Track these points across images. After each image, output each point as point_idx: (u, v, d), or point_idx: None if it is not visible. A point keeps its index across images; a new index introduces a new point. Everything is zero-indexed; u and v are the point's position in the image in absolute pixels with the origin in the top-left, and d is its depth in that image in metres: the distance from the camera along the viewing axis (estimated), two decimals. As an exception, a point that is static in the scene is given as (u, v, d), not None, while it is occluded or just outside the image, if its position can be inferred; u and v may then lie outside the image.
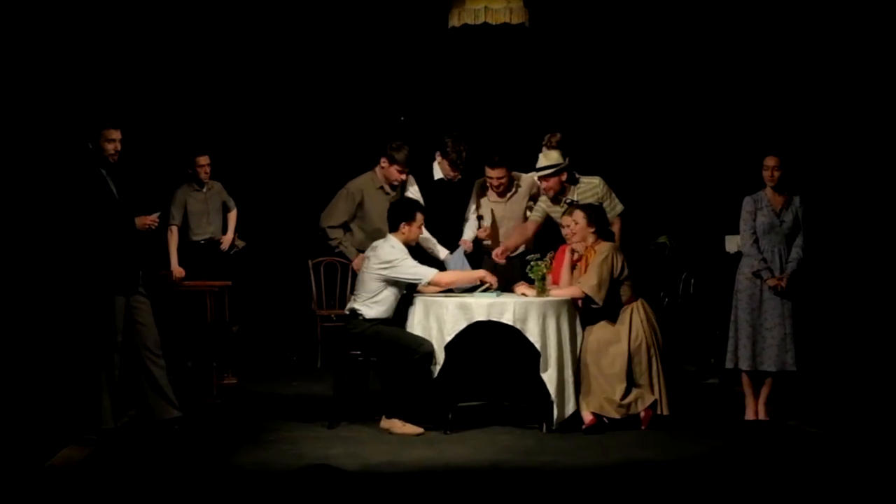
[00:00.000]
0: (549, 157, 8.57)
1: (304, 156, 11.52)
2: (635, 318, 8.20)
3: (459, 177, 8.88)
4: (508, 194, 8.94)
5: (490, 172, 8.80)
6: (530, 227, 8.76)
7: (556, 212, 8.63)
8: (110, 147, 7.68)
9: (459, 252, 8.80)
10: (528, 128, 10.98)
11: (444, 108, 11.31)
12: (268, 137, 11.43)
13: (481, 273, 8.31)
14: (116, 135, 7.70)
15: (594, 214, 8.29)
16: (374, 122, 11.20)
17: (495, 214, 8.97)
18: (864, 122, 10.32)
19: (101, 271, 7.61)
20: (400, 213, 8.22)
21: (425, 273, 8.08)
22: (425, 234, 8.66)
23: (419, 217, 8.20)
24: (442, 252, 8.85)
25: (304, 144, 11.52)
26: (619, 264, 8.17)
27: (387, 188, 8.86)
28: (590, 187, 8.68)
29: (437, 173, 8.91)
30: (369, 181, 8.88)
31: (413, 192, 8.85)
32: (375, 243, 8.24)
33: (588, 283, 8.10)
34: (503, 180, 8.81)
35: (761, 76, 10.80)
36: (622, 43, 11.14)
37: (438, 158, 8.91)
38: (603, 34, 11.10)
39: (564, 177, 8.61)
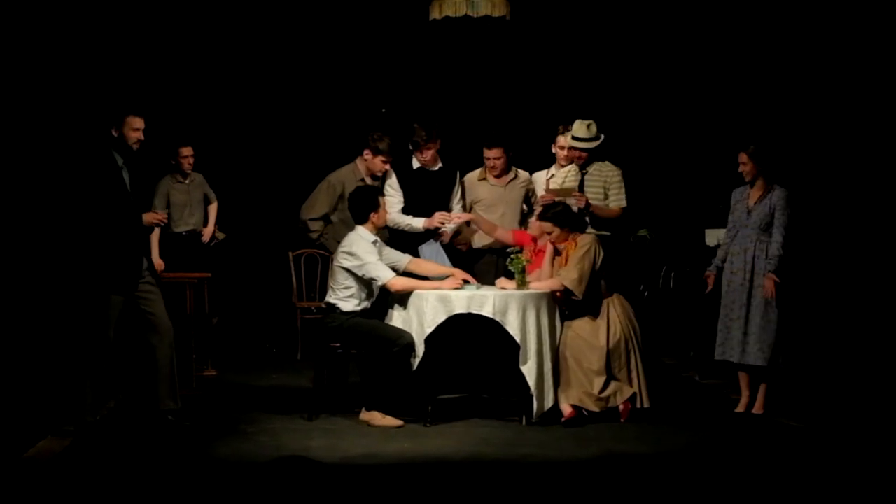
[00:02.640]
0: (590, 130, 8.67)
1: (286, 148, 11.51)
2: (612, 313, 8.21)
3: (440, 164, 8.82)
4: (507, 178, 8.90)
5: (488, 153, 8.77)
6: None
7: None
8: (134, 136, 7.55)
9: (437, 246, 8.76)
10: (509, 120, 11.02)
11: (426, 101, 11.31)
12: (249, 129, 11.41)
13: (436, 283, 8.25)
14: (141, 123, 7.56)
15: (561, 217, 8.26)
16: (355, 114, 11.19)
17: (492, 198, 8.91)
18: (845, 115, 10.35)
19: (101, 267, 7.49)
20: (365, 205, 8.17)
21: (383, 276, 8.02)
22: (397, 216, 8.63)
23: (382, 201, 8.21)
24: (418, 221, 8.70)
25: (285, 136, 11.51)
26: (601, 257, 8.18)
27: (368, 180, 8.86)
28: (601, 172, 8.73)
29: (416, 162, 8.86)
30: (350, 173, 8.87)
31: (392, 183, 8.82)
32: (348, 235, 8.22)
33: (569, 277, 8.11)
34: (500, 160, 8.78)
35: (742, 70, 10.82)
36: (603, 37, 11.15)
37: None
38: (584, 28, 11.11)
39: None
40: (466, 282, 8.28)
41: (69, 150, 8.13)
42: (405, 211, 8.71)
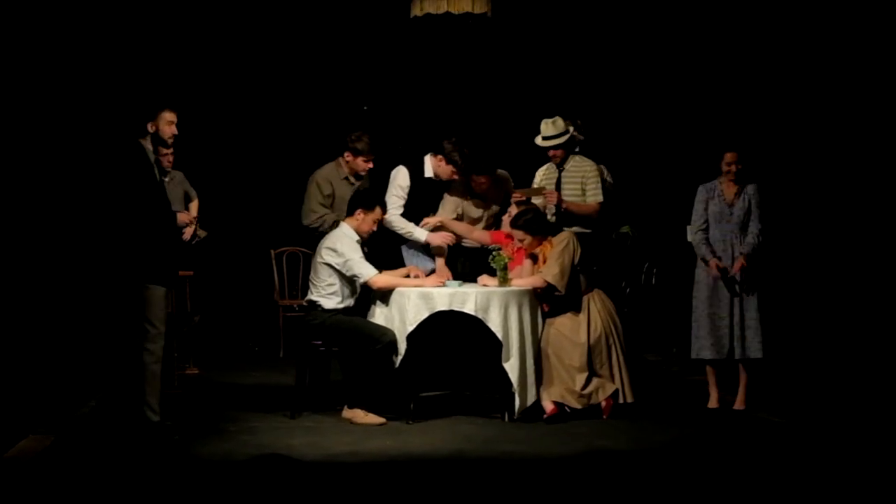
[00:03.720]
0: (555, 126, 8.64)
1: (267, 145, 11.48)
2: (593, 309, 8.22)
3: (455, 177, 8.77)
4: (491, 195, 8.86)
5: (476, 178, 8.72)
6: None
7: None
8: (169, 130, 7.42)
9: (420, 256, 8.72)
10: (490, 117, 11.03)
11: (407, 98, 11.31)
12: (230, 126, 11.38)
13: (419, 280, 8.20)
14: (174, 117, 7.43)
15: (533, 224, 8.26)
16: (336, 111, 11.17)
17: (480, 217, 8.89)
18: (820, 112, 10.39)
19: (145, 261, 7.29)
20: (360, 200, 8.19)
21: (366, 273, 8.01)
22: (397, 220, 8.60)
23: (378, 210, 8.16)
24: (421, 234, 8.65)
25: (266, 134, 11.48)
26: (578, 252, 8.19)
27: (351, 178, 8.83)
28: (578, 168, 8.73)
29: (428, 171, 8.72)
30: (334, 171, 8.83)
31: (402, 184, 8.65)
32: (331, 232, 8.21)
33: (550, 273, 8.11)
34: (485, 185, 8.70)
35: (721, 68, 10.84)
36: (584, 33, 11.15)
37: (434, 160, 8.66)
38: (565, 24, 11.10)
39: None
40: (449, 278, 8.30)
41: (103, 148, 8.00)
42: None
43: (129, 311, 7.34)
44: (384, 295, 8.07)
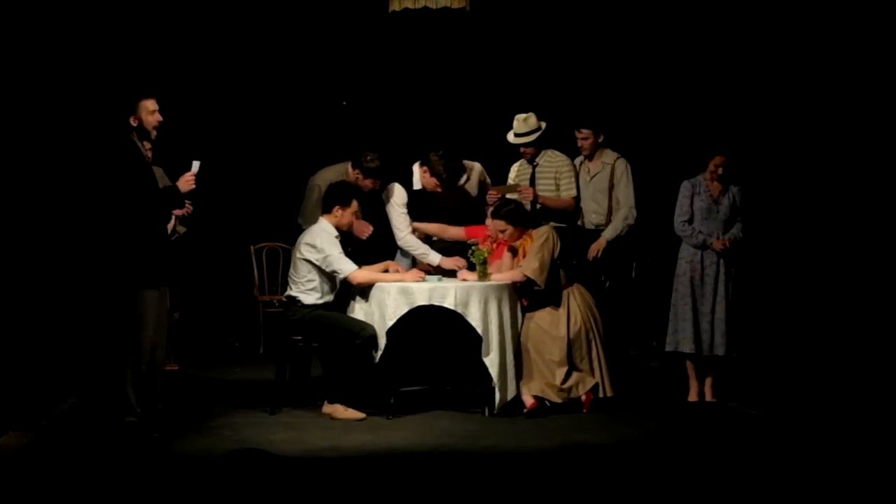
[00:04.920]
0: (528, 123, 8.68)
1: (245, 141, 11.43)
2: (572, 304, 8.23)
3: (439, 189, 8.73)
4: (460, 182, 8.87)
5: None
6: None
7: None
8: (153, 119, 7.29)
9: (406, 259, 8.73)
10: (469, 112, 11.02)
11: (386, 93, 11.29)
12: (207, 122, 11.33)
13: (398, 276, 8.18)
14: (155, 104, 7.29)
15: (514, 215, 8.27)
16: (314, 106, 11.15)
17: (447, 201, 8.89)
18: (803, 112, 10.43)
19: (136, 263, 7.22)
20: (336, 196, 8.15)
21: (345, 268, 7.99)
22: (412, 240, 8.58)
23: (354, 204, 8.13)
24: (435, 258, 8.59)
25: (244, 130, 11.44)
26: (558, 246, 8.20)
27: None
28: (551, 163, 8.76)
29: (417, 184, 8.69)
30: (336, 177, 8.63)
31: (400, 201, 8.60)
32: (310, 227, 8.19)
33: (530, 267, 8.12)
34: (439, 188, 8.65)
35: (703, 63, 10.85)
36: (563, 28, 11.15)
37: (421, 171, 8.62)
38: (544, 18, 11.10)
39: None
40: (428, 272, 8.30)
41: (94, 148, 7.89)
42: None
43: (118, 311, 7.31)
44: (364, 290, 8.07)
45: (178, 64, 10.91)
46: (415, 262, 8.66)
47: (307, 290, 8.07)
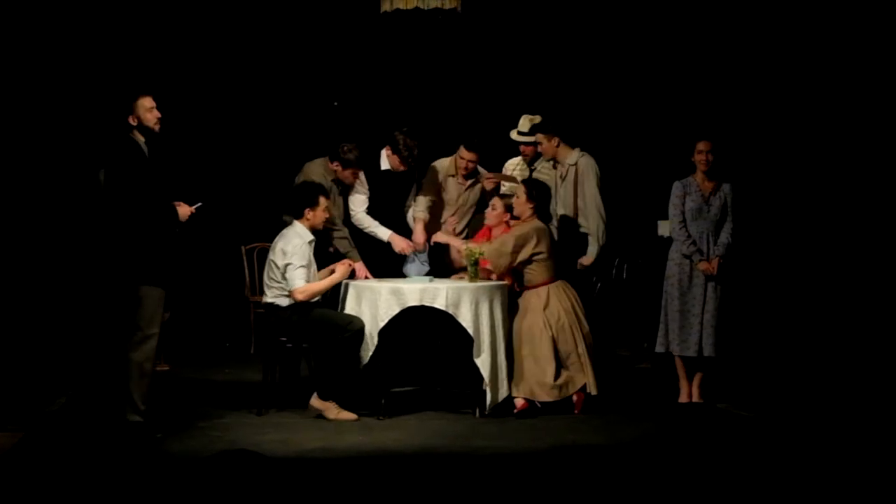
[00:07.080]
0: (533, 122, 8.73)
1: (236, 141, 11.42)
2: (553, 300, 8.22)
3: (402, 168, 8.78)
4: (469, 182, 8.90)
5: (466, 154, 8.75)
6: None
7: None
8: (152, 116, 7.27)
9: (418, 264, 8.71)
10: (461, 113, 11.02)
11: (377, 93, 11.28)
12: (197, 122, 11.31)
13: (329, 278, 8.15)
14: (152, 101, 7.28)
15: (535, 191, 8.30)
16: (305, 106, 11.13)
17: (454, 199, 8.91)
18: (793, 110, 10.44)
19: (142, 261, 7.25)
20: (303, 199, 8.10)
21: (296, 283, 7.91)
22: (364, 218, 8.61)
23: (322, 201, 8.09)
24: (384, 233, 8.72)
25: (235, 129, 11.42)
26: (535, 244, 8.17)
27: (336, 187, 8.74)
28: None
29: (385, 164, 8.78)
30: (322, 170, 8.68)
31: (361, 179, 8.74)
32: (284, 231, 8.17)
33: (489, 248, 8.15)
34: (473, 164, 8.79)
35: (694, 62, 10.86)
36: (553, 28, 11.15)
37: (388, 152, 8.73)
38: (535, 18, 11.10)
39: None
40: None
41: (94, 148, 7.86)
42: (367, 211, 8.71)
43: (120, 311, 7.30)
44: (355, 291, 8.06)
45: (170, 65, 10.88)
46: (429, 265, 8.68)
47: (281, 295, 8.01)
